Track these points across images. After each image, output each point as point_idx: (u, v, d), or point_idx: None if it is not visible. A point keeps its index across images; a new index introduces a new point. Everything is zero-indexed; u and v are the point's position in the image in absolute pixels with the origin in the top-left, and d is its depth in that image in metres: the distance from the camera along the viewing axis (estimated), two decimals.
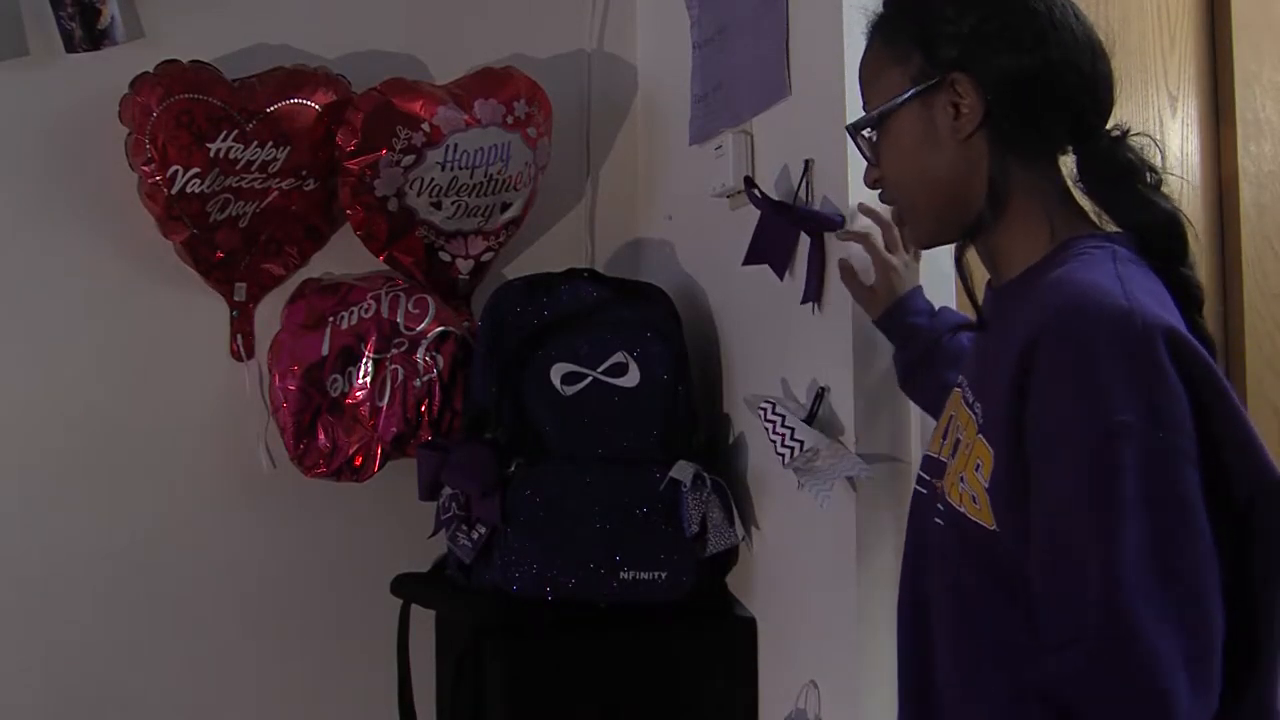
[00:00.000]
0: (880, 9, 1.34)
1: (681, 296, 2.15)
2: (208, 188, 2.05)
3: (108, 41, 2.09)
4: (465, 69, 2.23)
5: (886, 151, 1.31)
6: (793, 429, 1.72)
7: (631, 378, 2.02)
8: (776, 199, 1.87)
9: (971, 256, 1.33)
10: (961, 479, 1.20)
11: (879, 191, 1.37)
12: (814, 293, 1.79)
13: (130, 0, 2.12)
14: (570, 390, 2.00)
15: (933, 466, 1.32)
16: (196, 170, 2.03)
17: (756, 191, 1.87)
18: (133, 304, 2.14)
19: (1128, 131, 1.26)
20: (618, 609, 1.91)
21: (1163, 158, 1.27)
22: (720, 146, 2.04)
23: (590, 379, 2.01)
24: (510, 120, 2.14)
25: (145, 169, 2.03)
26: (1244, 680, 1.11)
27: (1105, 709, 1.05)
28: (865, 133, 1.32)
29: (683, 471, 1.93)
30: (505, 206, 2.20)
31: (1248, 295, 1.91)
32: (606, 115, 2.41)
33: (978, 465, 1.17)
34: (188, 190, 2.04)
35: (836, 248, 1.76)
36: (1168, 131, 1.91)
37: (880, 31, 1.32)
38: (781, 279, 1.87)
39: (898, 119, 1.28)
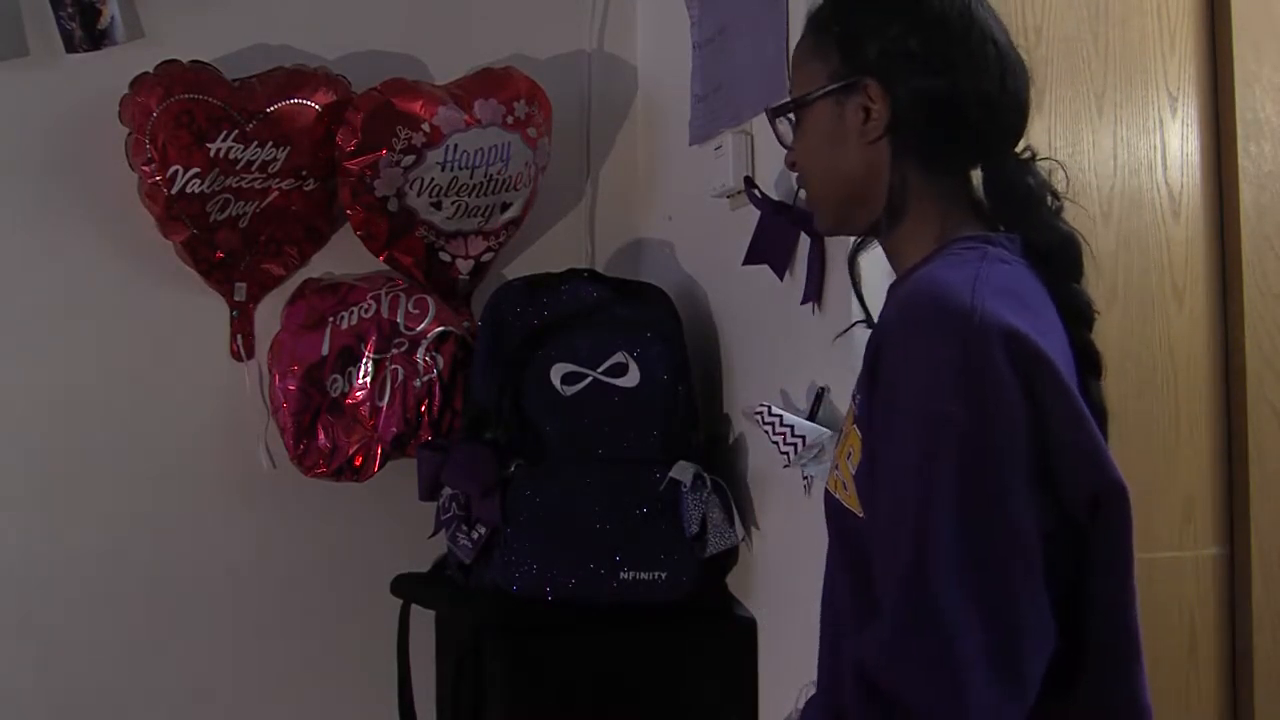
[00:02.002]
0: (818, 2, 1.38)
1: (681, 296, 2.15)
2: (208, 188, 2.05)
3: (108, 41, 2.09)
4: (465, 69, 2.23)
5: (800, 139, 1.35)
6: (791, 427, 1.73)
7: (631, 378, 2.01)
8: (776, 199, 1.87)
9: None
10: (836, 467, 1.26)
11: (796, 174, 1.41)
12: (814, 293, 1.79)
13: (130, 0, 2.12)
14: (570, 390, 2.00)
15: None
16: (196, 170, 2.03)
17: (756, 191, 1.87)
18: (133, 304, 2.14)
19: (1035, 155, 1.30)
20: (617, 609, 1.91)
21: (1067, 181, 1.31)
22: (720, 146, 2.04)
23: (590, 379, 2.01)
24: (510, 120, 2.14)
25: (145, 169, 2.03)
26: (1077, 677, 1.14)
27: (903, 684, 1.08)
28: (785, 118, 1.37)
29: (683, 472, 1.93)
30: (505, 206, 2.20)
31: (1248, 295, 1.91)
32: (606, 115, 2.41)
33: (849, 453, 1.22)
34: (188, 190, 2.04)
35: (837, 248, 1.76)
36: (1168, 131, 1.91)
37: (811, 24, 1.36)
38: (781, 279, 1.87)
39: (812, 111, 1.32)
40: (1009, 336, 1.10)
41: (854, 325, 1.51)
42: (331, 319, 2.14)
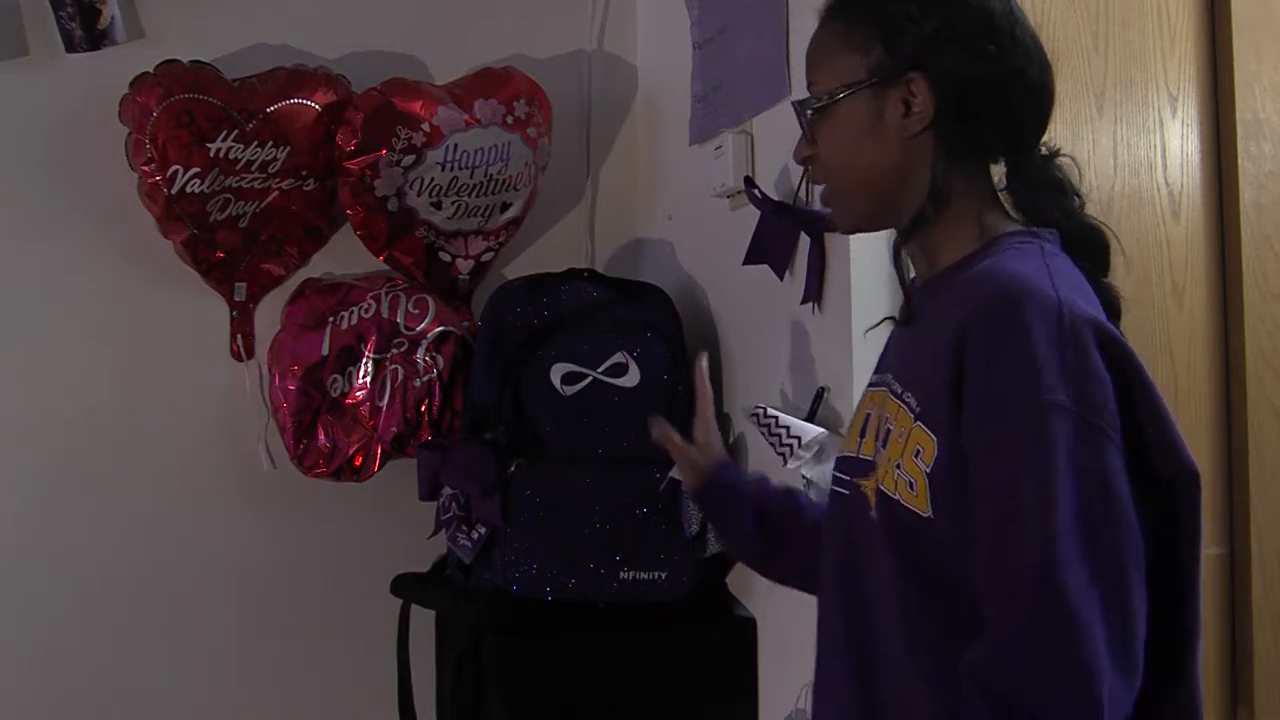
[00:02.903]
0: None
1: (681, 296, 2.15)
2: (208, 188, 2.05)
3: (108, 41, 2.09)
4: (465, 69, 2.23)
5: (828, 134, 1.31)
6: (787, 428, 1.72)
7: (631, 378, 2.01)
8: (776, 199, 1.87)
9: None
10: (898, 466, 1.21)
11: (806, 168, 1.38)
12: (814, 293, 1.79)
13: (130, 0, 2.12)
14: (570, 390, 2.00)
15: (853, 466, 1.34)
16: (196, 170, 2.03)
17: (756, 191, 1.87)
18: (133, 304, 2.14)
19: (1057, 151, 1.30)
20: (617, 609, 1.91)
21: (1080, 176, 1.31)
22: (720, 146, 2.04)
23: (590, 379, 2.01)
24: (510, 120, 2.14)
25: (145, 169, 2.03)
26: (1177, 661, 1.15)
27: (1033, 683, 1.08)
28: (809, 111, 1.33)
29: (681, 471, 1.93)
30: (505, 206, 2.20)
31: (1248, 295, 1.91)
32: (606, 115, 2.41)
33: (917, 451, 1.19)
34: (188, 190, 2.04)
35: (836, 247, 1.76)
36: (1168, 131, 1.91)
37: (841, 15, 1.32)
38: (781, 279, 1.87)
39: (846, 105, 1.29)
40: (1097, 329, 1.13)
41: (883, 320, 1.46)
42: (331, 319, 2.14)
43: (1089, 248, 1.27)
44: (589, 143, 2.39)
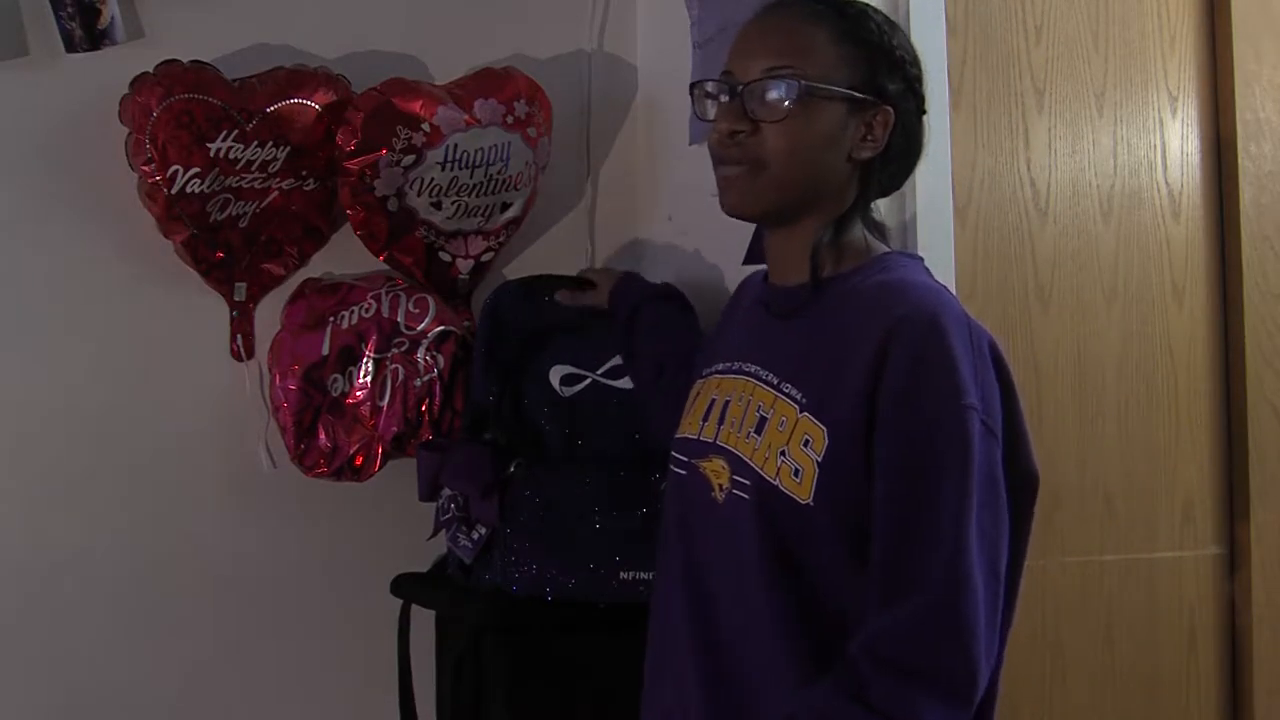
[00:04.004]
0: (850, 3, 1.40)
1: None
2: (208, 188, 2.05)
3: (108, 41, 2.09)
4: (465, 69, 2.23)
5: (791, 120, 1.33)
6: None
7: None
8: None
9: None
10: (782, 453, 1.30)
11: (716, 137, 1.42)
12: None
13: (130, 0, 2.12)
14: (570, 391, 2.01)
15: (691, 448, 1.44)
16: (196, 170, 2.03)
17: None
18: (133, 304, 2.14)
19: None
20: (618, 609, 1.90)
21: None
22: None
23: (589, 381, 2.02)
24: (510, 120, 2.14)
25: (145, 169, 2.03)
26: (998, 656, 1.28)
27: (934, 653, 1.20)
28: (772, 91, 1.34)
29: None
30: (505, 206, 2.20)
31: (1248, 295, 1.91)
32: (606, 115, 2.41)
33: (806, 441, 1.28)
34: (188, 190, 2.04)
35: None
36: (1168, 131, 1.91)
37: (839, 21, 1.37)
38: None
39: (824, 104, 1.34)
40: (992, 344, 1.30)
41: (773, 316, 1.49)
42: (332, 319, 2.14)
43: None
44: (589, 143, 2.39)
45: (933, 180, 1.71)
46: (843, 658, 1.23)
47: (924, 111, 1.41)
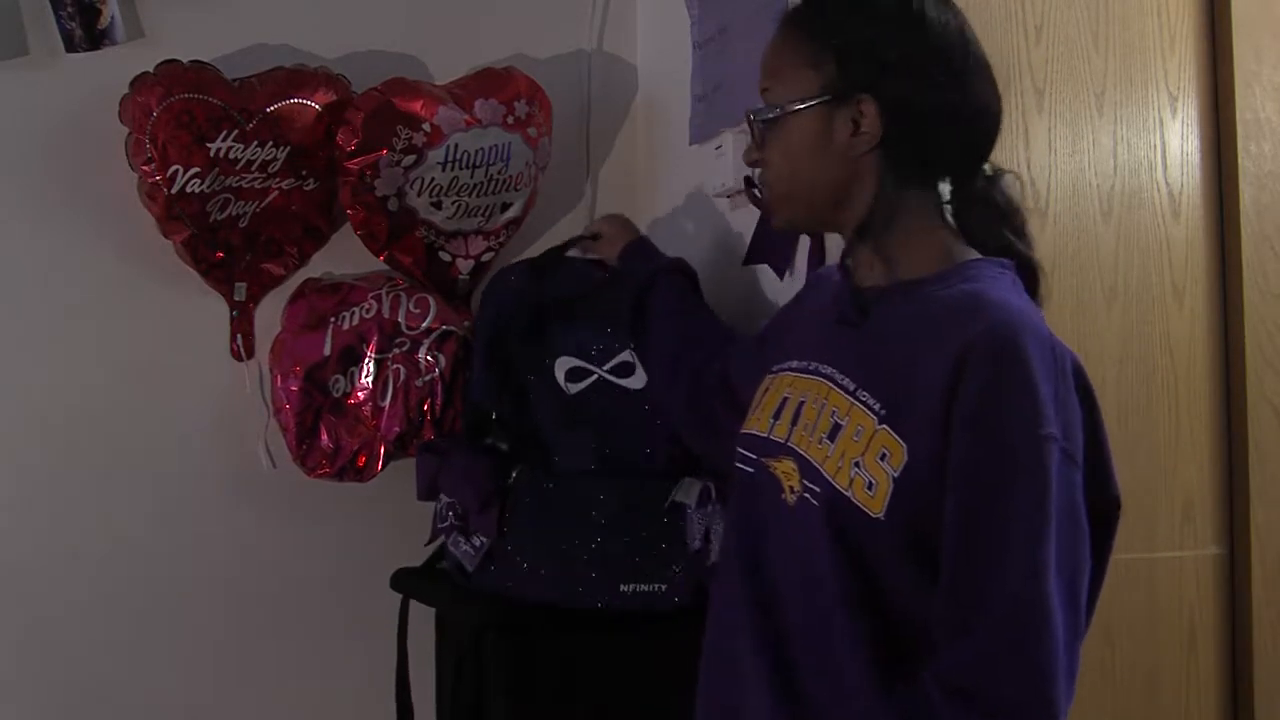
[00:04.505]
0: (805, 4, 1.38)
1: None
2: (208, 188, 2.05)
3: (108, 41, 2.09)
4: (465, 69, 2.23)
5: (776, 142, 1.35)
6: None
7: (638, 379, 1.93)
8: None
9: None
10: (856, 464, 1.25)
11: (756, 171, 1.41)
12: None
13: (130, 0, 2.12)
14: (575, 388, 1.91)
15: (760, 445, 1.37)
16: (196, 170, 2.03)
17: (756, 191, 1.87)
18: (133, 304, 2.14)
19: (1001, 172, 1.35)
20: (618, 617, 1.87)
21: (1022, 190, 1.37)
22: (720, 146, 2.04)
23: (595, 377, 1.91)
24: (511, 120, 2.14)
25: (145, 169, 2.03)
26: None
27: (1008, 684, 1.15)
28: (755, 120, 1.36)
29: (687, 493, 1.84)
30: (506, 206, 2.20)
31: (1248, 295, 1.91)
32: (606, 115, 2.41)
33: (883, 454, 1.23)
34: (188, 190, 2.04)
35: (836, 247, 1.76)
36: (1168, 131, 1.91)
37: (799, 27, 1.35)
38: (781, 279, 1.87)
39: (797, 118, 1.32)
40: (1075, 366, 1.23)
41: (841, 324, 1.46)
42: (332, 319, 2.14)
43: (1025, 278, 1.33)
44: (589, 143, 2.39)
45: None
46: (914, 682, 1.19)
47: (939, 80, 1.28)
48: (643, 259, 1.92)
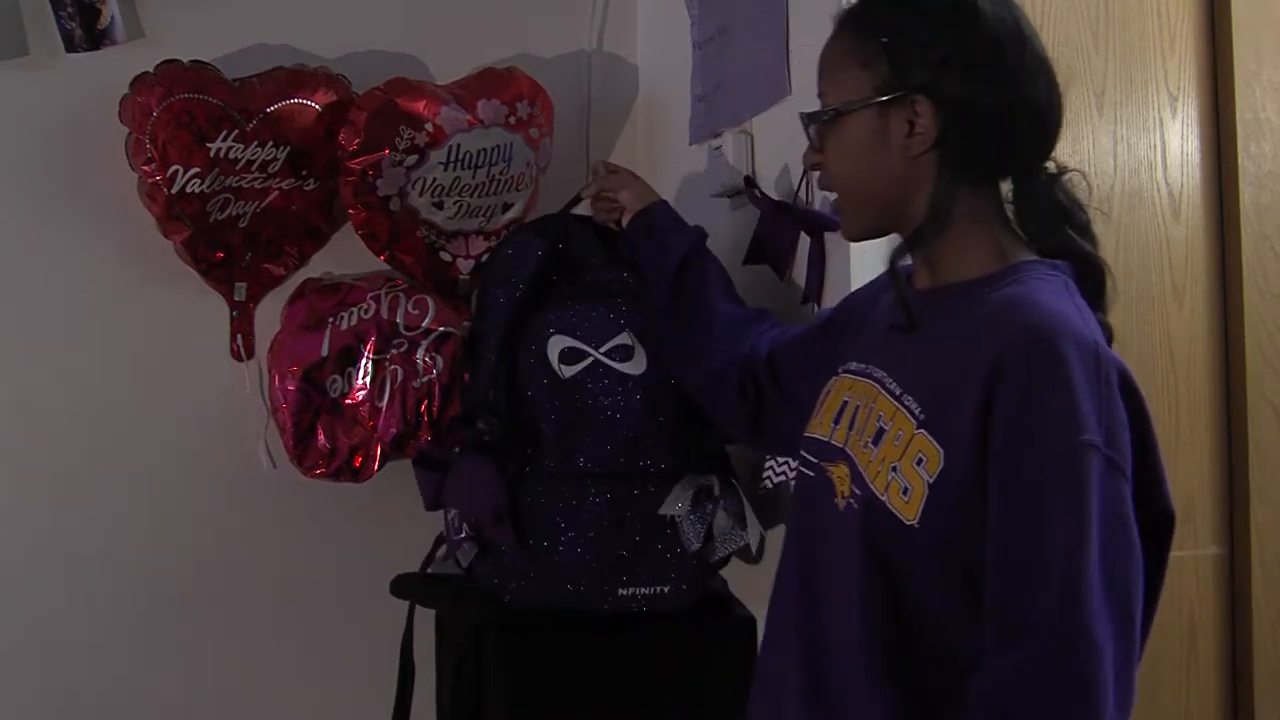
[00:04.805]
0: (858, 4, 1.36)
1: None
2: (208, 188, 2.05)
3: (108, 41, 2.09)
4: (465, 69, 2.23)
5: (835, 146, 1.33)
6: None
7: (637, 364, 1.79)
8: (776, 199, 1.87)
9: None
10: (894, 469, 1.22)
11: (818, 175, 1.40)
12: (814, 293, 1.79)
13: (130, 0, 2.12)
14: (570, 371, 1.76)
15: (822, 449, 1.35)
16: (196, 170, 2.03)
17: (756, 191, 1.87)
18: (133, 304, 2.14)
19: (1064, 170, 1.32)
20: (618, 618, 1.83)
21: (1090, 191, 1.33)
22: (720, 146, 2.04)
23: (590, 360, 1.77)
24: (513, 121, 2.14)
25: (145, 169, 2.03)
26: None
27: (1046, 711, 1.11)
28: (811, 125, 1.36)
29: (678, 500, 1.77)
30: (507, 207, 2.20)
31: (1248, 295, 1.91)
32: (607, 115, 2.41)
33: (919, 459, 1.20)
34: (188, 190, 2.04)
35: (836, 247, 1.76)
36: (1168, 131, 1.91)
37: (852, 28, 1.34)
38: (782, 279, 1.87)
39: (852, 119, 1.31)
40: (1123, 374, 1.18)
41: (893, 328, 1.44)
42: (331, 319, 2.14)
43: (1087, 278, 1.29)
44: (589, 143, 2.39)
45: None
46: (960, 700, 1.16)
47: (997, 78, 1.26)
48: (668, 228, 1.80)
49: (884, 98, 1.28)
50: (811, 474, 1.36)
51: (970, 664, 1.16)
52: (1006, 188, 1.32)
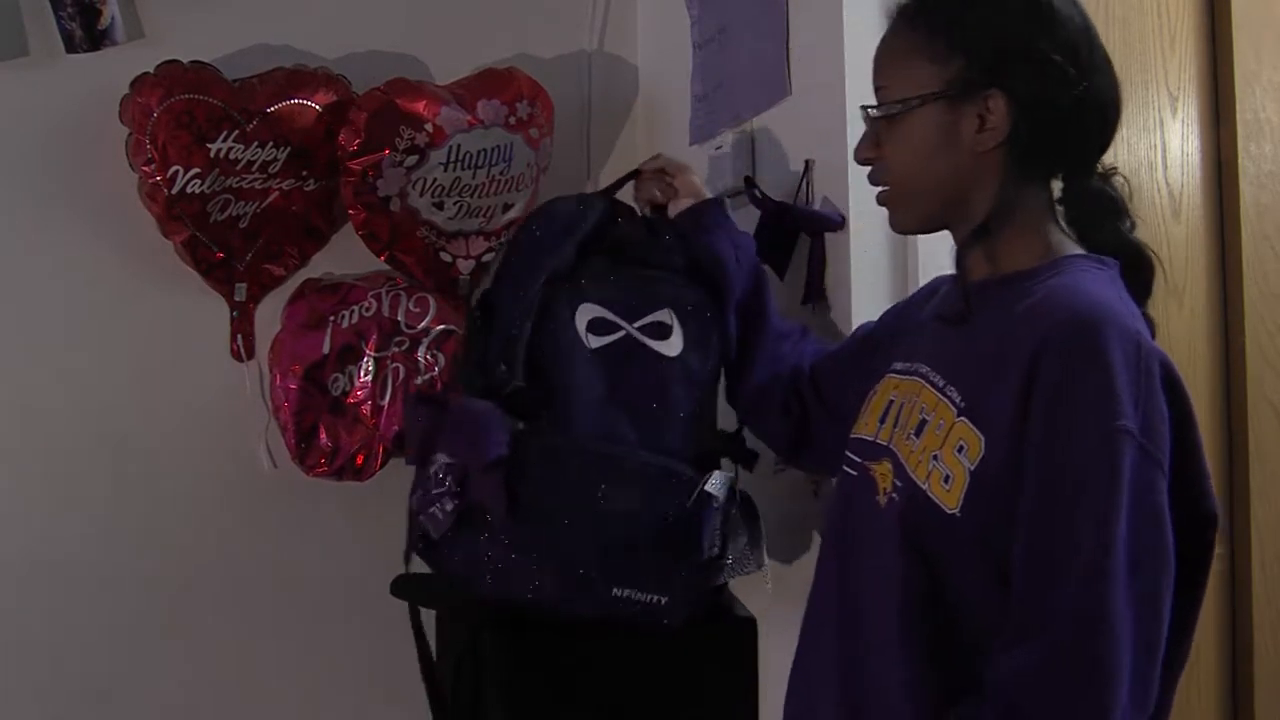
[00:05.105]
0: None
1: None
2: (208, 188, 2.05)
3: (108, 41, 2.09)
4: (465, 69, 2.23)
5: (897, 140, 1.31)
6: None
7: (673, 345, 1.62)
8: (776, 199, 1.87)
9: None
10: (935, 457, 1.22)
11: (868, 170, 1.37)
12: (814, 293, 1.79)
13: (130, 0, 2.12)
14: (598, 342, 1.59)
15: (866, 449, 1.34)
16: (196, 170, 2.03)
17: (756, 191, 1.87)
18: (133, 304, 2.14)
19: (1113, 170, 1.32)
20: (606, 623, 1.67)
21: (1130, 193, 1.33)
22: (720, 146, 2.04)
23: (623, 334, 1.60)
24: (513, 121, 2.14)
25: (145, 169, 2.03)
26: (1162, 691, 1.16)
27: (1056, 711, 1.10)
28: (875, 115, 1.33)
29: (718, 484, 1.58)
30: (507, 207, 2.20)
31: (1248, 295, 1.91)
32: (607, 115, 2.41)
33: (960, 446, 1.20)
34: (188, 190, 2.04)
35: (836, 247, 1.76)
36: (1168, 131, 1.91)
37: (920, 21, 1.31)
38: (781, 279, 1.87)
39: (920, 113, 1.29)
40: (1164, 365, 1.16)
41: (940, 319, 1.41)
42: (332, 318, 2.14)
43: (1136, 272, 1.28)
44: (589, 143, 2.39)
45: None
46: (977, 693, 1.15)
47: (1069, 76, 1.25)
48: (721, 229, 1.71)
49: (956, 92, 1.27)
50: (854, 474, 1.35)
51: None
52: (1055, 184, 1.32)
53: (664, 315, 1.62)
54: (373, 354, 2.13)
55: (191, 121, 2.02)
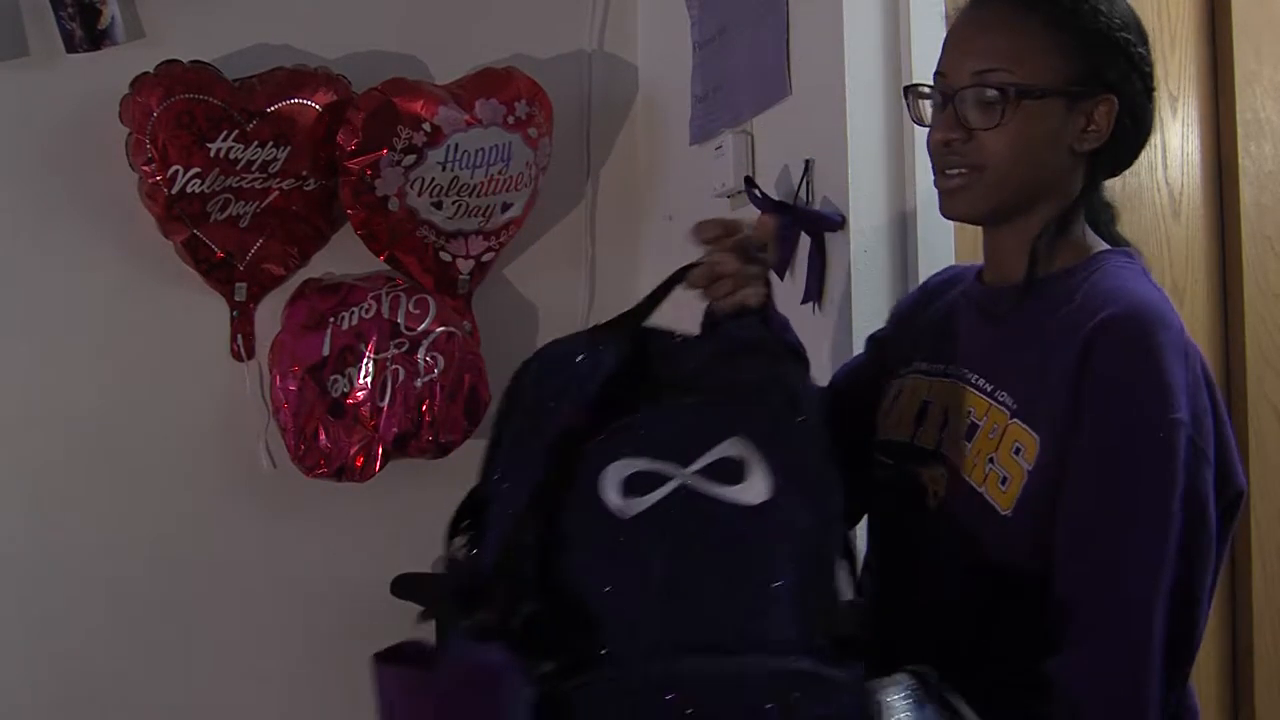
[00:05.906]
0: None
1: None
2: (208, 188, 2.05)
3: (108, 41, 2.09)
4: (465, 69, 2.23)
5: (1006, 125, 1.26)
6: None
7: (754, 486, 1.07)
8: (776, 199, 1.87)
9: None
10: (991, 460, 1.23)
11: (933, 144, 1.30)
12: (814, 293, 1.79)
13: (130, 0, 2.12)
14: (636, 506, 1.05)
15: (904, 452, 1.34)
16: (197, 170, 2.03)
17: (756, 191, 1.87)
18: (133, 304, 2.14)
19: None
20: None
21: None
22: (720, 146, 2.04)
23: (676, 485, 1.06)
24: (511, 120, 2.14)
25: (145, 169, 2.03)
26: (1181, 665, 1.19)
27: (1115, 705, 1.13)
28: (985, 98, 1.26)
29: (900, 697, 1.05)
30: (506, 207, 2.20)
31: (1248, 295, 1.91)
32: (607, 115, 2.41)
33: (1017, 448, 1.21)
34: (188, 190, 2.04)
35: (837, 248, 1.76)
36: (1168, 131, 1.91)
37: (1051, 13, 1.28)
38: (781, 279, 1.87)
39: (1035, 105, 1.26)
40: (1205, 364, 1.21)
41: (984, 315, 1.36)
42: (332, 319, 2.14)
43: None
44: (589, 143, 2.39)
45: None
46: (1037, 692, 1.16)
47: (1152, 89, 1.29)
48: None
49: (1077, 89, 1.26)
50: (894, 477, 1.34)
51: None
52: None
53: (732, 448, 1.08)
54: (372, 355, 2.13)
55: (191, 121, 2.02)
